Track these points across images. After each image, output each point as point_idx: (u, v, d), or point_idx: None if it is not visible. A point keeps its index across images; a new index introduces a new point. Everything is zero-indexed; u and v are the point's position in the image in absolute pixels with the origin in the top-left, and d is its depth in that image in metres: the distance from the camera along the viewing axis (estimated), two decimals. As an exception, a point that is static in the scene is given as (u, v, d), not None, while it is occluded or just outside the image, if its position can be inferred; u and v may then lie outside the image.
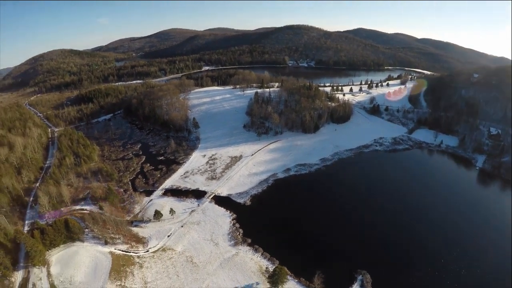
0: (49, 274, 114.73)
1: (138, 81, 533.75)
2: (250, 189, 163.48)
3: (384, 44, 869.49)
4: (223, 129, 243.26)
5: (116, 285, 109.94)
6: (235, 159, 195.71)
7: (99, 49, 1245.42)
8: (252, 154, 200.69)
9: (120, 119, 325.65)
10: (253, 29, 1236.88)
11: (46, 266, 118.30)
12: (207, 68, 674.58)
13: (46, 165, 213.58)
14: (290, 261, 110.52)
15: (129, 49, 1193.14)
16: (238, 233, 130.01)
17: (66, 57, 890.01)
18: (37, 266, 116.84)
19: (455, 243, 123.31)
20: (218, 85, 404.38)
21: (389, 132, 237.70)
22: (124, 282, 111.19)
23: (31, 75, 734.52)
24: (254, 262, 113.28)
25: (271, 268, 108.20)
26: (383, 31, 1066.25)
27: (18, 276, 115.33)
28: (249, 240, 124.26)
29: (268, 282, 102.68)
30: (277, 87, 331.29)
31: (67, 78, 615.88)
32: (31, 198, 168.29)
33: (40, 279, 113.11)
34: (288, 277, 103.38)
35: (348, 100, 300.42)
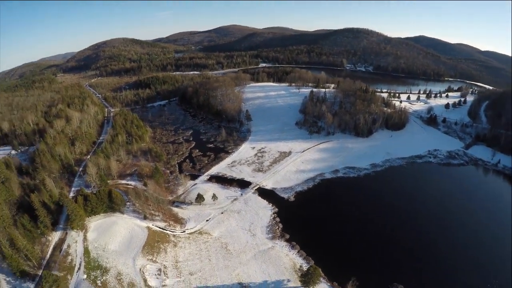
0: (85, 239, 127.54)
1: (195, 72, 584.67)
2: (296, 185, 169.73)
3: (446, 54, 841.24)
4: (275, 124, 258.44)
5: (147, 259, 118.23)
6: (284, 155, 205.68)
7: (160, 40, 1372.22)
8: (302, 152, 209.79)
9: (175, 106, 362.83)
10: (311, 30, 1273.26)
11: (83, 231, 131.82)
12: (263, 65, 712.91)
13: (99, 141, 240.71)
14: (325, 263, 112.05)
15: (189, 42, 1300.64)
16: (277, 227, 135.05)
17: (128, 45, 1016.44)
18: (75, 230, 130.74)
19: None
20: (273, 82, 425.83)
21: (444, 145, 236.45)
22: (156, 258, 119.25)
23: (93, 59, 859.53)
24: (288, 259, 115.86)
25: (305, 267, 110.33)
26: (445, 40, 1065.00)
27: (55, 236, 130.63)
28: (287, 236, 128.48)
29: (299, 280, 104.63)
30: (333, 88, 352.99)
31: (127, 64, 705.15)
32: (81, 169, 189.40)
33: (76, 242, 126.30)
34: (321, 279, 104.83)
35: (404, 107, 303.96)
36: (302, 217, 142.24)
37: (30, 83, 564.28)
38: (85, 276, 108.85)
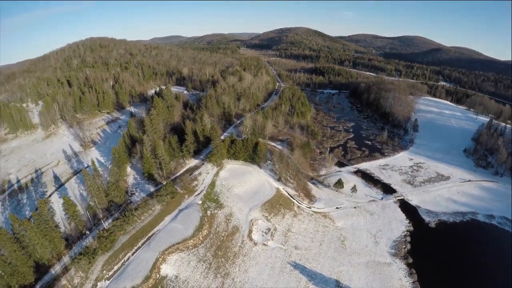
0: (216, 174, 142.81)
1: (371, 73, 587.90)
2: (442, 213, 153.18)
3: None
4: (441, 143, 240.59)
5: (263, 215, 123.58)
6: (441, 177, 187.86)
7: (341, 37, 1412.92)
8: (461, 181, 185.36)
9: (344, 97, 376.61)
10: (503, 59, 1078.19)
11: (219, 168, 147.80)
12: (443, 83, 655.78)
13: (262, 106, 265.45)
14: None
15: (370, 45, 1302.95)
16: (404, 246, 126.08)
17: (310, 35, 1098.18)
18: (211, 164, 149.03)
19: None
20: (451, 101, 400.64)
21: None
22: (271, 217, 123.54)
23: (276, 41, 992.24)
24: (400, 284, 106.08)
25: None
26: None
27: (192, 163, 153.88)
28: (410, 260, 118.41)
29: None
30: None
31: (307, 51, 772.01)
32: (238, 121, 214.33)
33: (208, 173, 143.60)
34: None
35: None
36: (435, 249, 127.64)
37: (216, 48, 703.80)
38: (200, 202, 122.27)
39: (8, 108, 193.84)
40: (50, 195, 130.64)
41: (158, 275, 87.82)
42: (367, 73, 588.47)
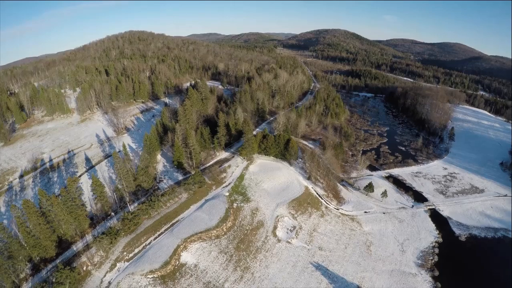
0: (246, 168, 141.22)
1: (409, 79, 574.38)
2: (474, 227, 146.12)
3: None
4: (477, 155, 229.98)
5: (290, 212, 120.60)
6: (475, 190, 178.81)
7: (379, 41, 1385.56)
8: (496, 196, 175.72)
9: (379, 101, 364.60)
10: None
11: (249, 162, 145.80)
12: (482, 93, 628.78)
13: (296, 105, 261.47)
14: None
15: (409, 50, 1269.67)
16: (431, 258, 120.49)
17: (348, 38, 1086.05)
18: (241, 157, 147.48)
19: None
20: (490, 112, 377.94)
21: None
22: (297, 215, 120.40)
23: (313, 42, 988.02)
24: None
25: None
26: None
27: (222, 155, 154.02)
28: (436, 273, 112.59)
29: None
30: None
31: (344, 54, 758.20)
32: (272, 118, 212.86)
33: (237, 166, 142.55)
34: None
35: None
36: (464, 264, 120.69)
37: (252, 47, 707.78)
38: (227, 193, 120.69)
39: (47, 92, 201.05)
40: (80, 176, 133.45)
41: (177, 262, 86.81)
42: (404, 78, 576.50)
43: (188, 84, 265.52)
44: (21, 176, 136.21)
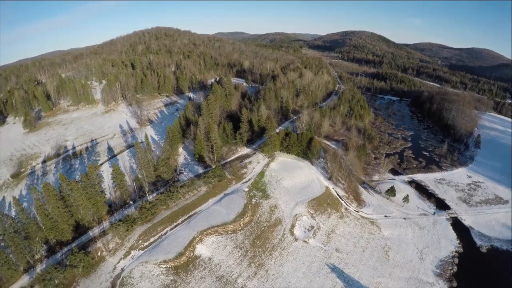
0: (267, 165, 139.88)
1: (435, 84, 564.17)
2: (496, 239, 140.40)
3: None
4: (503, 164, 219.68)
5: (308, 211, 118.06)
6: (499, 200, 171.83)
7: (406, 45, 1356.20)
8: None
9: (404, 105, 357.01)
10: None
11: (270, 159, 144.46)
12: (510, 101, 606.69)
13: (321, 105, 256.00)
14: None
15: (436, 54, 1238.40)
16: (450, 268, 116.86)
17: (374, 40, 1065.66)
18: (263, 154, 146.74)
19: None
20: None
21: None
22: (316, 215, 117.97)
23: (339, 44, 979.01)
24: None
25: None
26: None
27: (244, 151, 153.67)
28: (455, 284, 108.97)
29: None
30: None
31: (370, 56, 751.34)
32: (295, 117, 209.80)
33: (258, 163, 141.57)
34: None
35: None
36: (484, 276, 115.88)
37: (278, 46, 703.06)
38: (246, 189, 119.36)
39: (73, 83, 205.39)
40: (101, 164, 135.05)
41: (192, 254, 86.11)
42: (431, 83, 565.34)
43: (212, 80, 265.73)
44: (44, 162, 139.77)
